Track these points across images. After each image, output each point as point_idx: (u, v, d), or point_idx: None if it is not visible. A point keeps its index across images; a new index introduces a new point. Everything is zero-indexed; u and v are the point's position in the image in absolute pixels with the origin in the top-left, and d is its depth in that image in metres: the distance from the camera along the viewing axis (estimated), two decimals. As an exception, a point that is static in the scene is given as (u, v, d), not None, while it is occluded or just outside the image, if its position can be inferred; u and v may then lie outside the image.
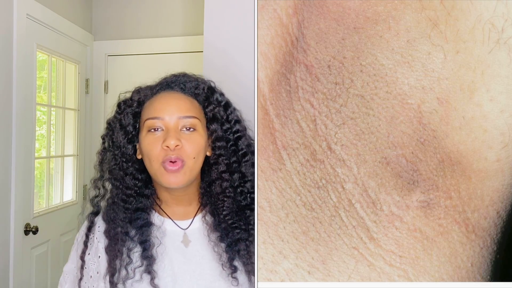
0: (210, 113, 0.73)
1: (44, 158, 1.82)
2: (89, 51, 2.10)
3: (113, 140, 0.73)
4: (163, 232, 0.71)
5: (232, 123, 0.74)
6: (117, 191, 0.72)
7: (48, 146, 1.84)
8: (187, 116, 0.70)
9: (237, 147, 0.74)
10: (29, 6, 1.60)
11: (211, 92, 0.75)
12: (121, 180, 0.72)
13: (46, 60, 1.81)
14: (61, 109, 1.93)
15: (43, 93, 1.82)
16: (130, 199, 0.71)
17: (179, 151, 0.67)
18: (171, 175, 0.67)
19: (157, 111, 0.70)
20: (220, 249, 0.71)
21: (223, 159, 0.72)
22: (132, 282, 0.67)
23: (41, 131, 1.82)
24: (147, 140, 0.69)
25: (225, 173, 0.72)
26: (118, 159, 0.72)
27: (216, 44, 1.11)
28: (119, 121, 0.73)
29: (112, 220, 0.71)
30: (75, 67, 2.01)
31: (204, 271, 0.70)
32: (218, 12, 1.11)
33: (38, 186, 1.79)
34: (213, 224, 0.73)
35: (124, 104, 0.75)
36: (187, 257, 0.70)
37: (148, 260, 0.68)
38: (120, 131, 0.72)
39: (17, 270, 1.54)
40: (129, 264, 0.68)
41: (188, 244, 0.72)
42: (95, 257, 0.71)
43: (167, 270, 0.69)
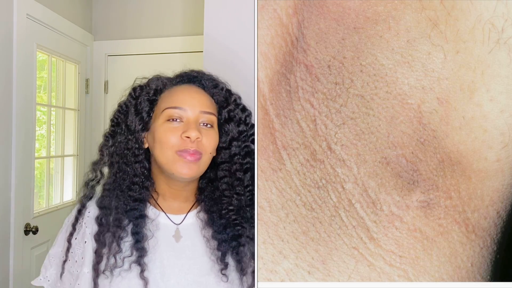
0: (227, 114, 0.74)
1: (44, 158, 1.82)
2: (89, 51, 2.10)
3: (127, 124, 0.72)
4: (156, 226, 0.71)
5: (249, 126, 0.76)
6: (125, 176, 0.71)
7: (48, 146, 1.84)
8: (207, 112, 0.71)
9: (252, 150, 0.75)
10: (29, 6, 1.60)
11: (229, 94, 0.76)
12: (131, 166, 0.71)
13: (46, 60, 1.81)
14: (61, 109, 1.93)
15: (43, 93, 1.82)
16: (135, 186, 0.71)
17: (198, 144, 0.68)
18: (186, 165, 0.67)
19: (179, 101, 0.70)
20: (213, 245, 0.71)
21: (238, 158, 0.74)
22: (120, 271, 0.67)
23: (41, 131, 1.82)
24: (164, 128, 0.68)
25: (239, 171, 0.73)
26: (131, 144, 0.71)
27: (216, 44, 1.11)
28: (135, 106, 0.72)
29: (106, 207, 0.70)
30: (75, 67, 2.01)
31: (194, 266, 0.70)
32: (218, 12, 1.11)
33: (38, 186, 1.79)
34: (208, 220, 0.73)
35: (140, 90, 0.74)
36: (177, 252, 0.71)
37: (139, 251, 0.68)
38: (136, 117, 0.72)
39: (17, 270, 1.54)
40: (118, 253, 0.67)
41: (179, 239, 0.72)
42: (82, 242, 0.70)
43: (157, 263, 0.69)
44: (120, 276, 0.67)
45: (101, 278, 0.67)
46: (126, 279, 0.66)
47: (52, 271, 0.73)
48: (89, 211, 0.72)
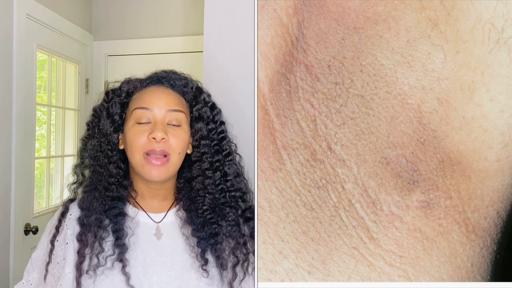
0: (197, 112, 0.75)
1: (44, 158, 1.82)
2: (89, 51, 2.10)
3: (99, 128, 0.75)
4: (136, 223, 0.73)
5: (218, 123, 0.77)
6: (100, 177, 0.73)
7: (48, 146, 1.84)
8: (175, 110, 0.72)
9: (220, 147, 0.76)
10: (29, 6, 1.60)
11: (199, 92, 0.77)
12: (105, 168, 0.73)
13: (46, 60, 1.81)
14: (61, 109, 1.93)
15: (43, 93, 1.82)
16: (111, 186, 0.72)
17: (165, 144, 0.69)
18: (154, 168, 0.69)
19: (146, 102, 0.72)
20: (192, 242, 0.73)
21: (207, 156, 0.75)
22: (103, 270, 0.68)
23: (41, 131, 1.82)
24: (133, 130, 0.70)
25: (208, 170, 0.75)
26: (103, 146, 0.73)
27: (216, 44, 1.11)
28: (107, 109, 0.75)
29: (87, 208, 0.72)
30: (75, 67, 2.01)
31: (176, 262, 0.71)
32: (218, 12, 1.11)
33: (38, 186, 1.79)
34: (186, 218, 0.75)
35: (112, 93, 0.76)
36: (159, 250, 0.72)
37: (120, 248, 0.69)
38: (107, 119, 0.74)
39: (17, 270, 1.54)
40: (101, 253, 0.68)
41: (160, 237, 0.73)
42: (63, 244, 0.71)
43: (139, 260, 0.70)
44: (104, 274, 0.68)
45: (84, 278, 0.67)
46: (110, 276, 0.67)
47: (35, 274, 0.74)
48: (70, 214, 0.74)
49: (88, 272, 0.67)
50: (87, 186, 0.74)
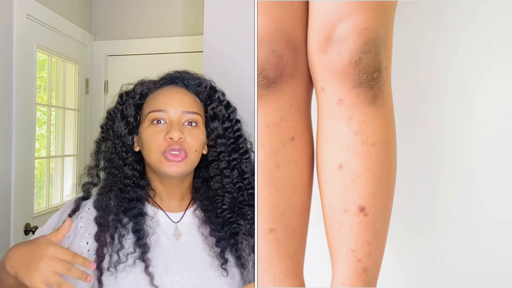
0: (212, 111, 0.75)
1: (44, 158, 1.82)
2: (89, 51, 2.10)
3: (114, 130, 0.75)
4: (156, 222, 0.73)
5: (233, 122, 0.76)
6: (115, 179, 0.73)
7: (48, 146, 1.83)
8: (190, 112, 0.72)
9: (237, 145, 0.76)
10: (29, 6, 1.59)
11: (213, 91, 0.77)
12: (120, 169, 0.73)
13: (46, 60, 1.81)
14: (61, 109, 1.93)
15: (43, 93, 1.82)
16: (127, 188, 0.73)
17: (182, 143, 0.69)
18: (173, 163, 0.69)
19: (161, 104, 0.72)
20: (211, 242, 0.73)
21: (224, 155, 0.75)
22: (124, 266, 0.67)
23: (41, 131, 1.82)
24: (150, 131, 0.71)
25: (226, 169, 0.75)
26: (118, 148, 0.74)
27: (216, 44, 1.11)
28: (121, 111, 0.75)
29: (104, 208, 0.71)
30: (75, 67, 2.01)
31: (196, 261, 0.71)
32: (218, 12, 1.11)
33: (38, 186, 1.79)
34: (204, 218, 0.75)
35: (126, 96, 0.76)
36: (178, 250, 0.72)
37: (142, 248, 0.69)
38: (122, 122, 0.74)
39: (17, 270, 1.54)
40: (121, 249, 0.68)
41: (179, 237, 0.73)
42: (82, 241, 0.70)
43: (160, 259, 0.70)
44: (125, 271, 0.67)
45: (106, 276, 0.67)
46: (132, 274, 0.67)
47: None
48: (89, 208, 0.73)
49: (109, 269, 0.67)
50: (102, 188, 0.74)
